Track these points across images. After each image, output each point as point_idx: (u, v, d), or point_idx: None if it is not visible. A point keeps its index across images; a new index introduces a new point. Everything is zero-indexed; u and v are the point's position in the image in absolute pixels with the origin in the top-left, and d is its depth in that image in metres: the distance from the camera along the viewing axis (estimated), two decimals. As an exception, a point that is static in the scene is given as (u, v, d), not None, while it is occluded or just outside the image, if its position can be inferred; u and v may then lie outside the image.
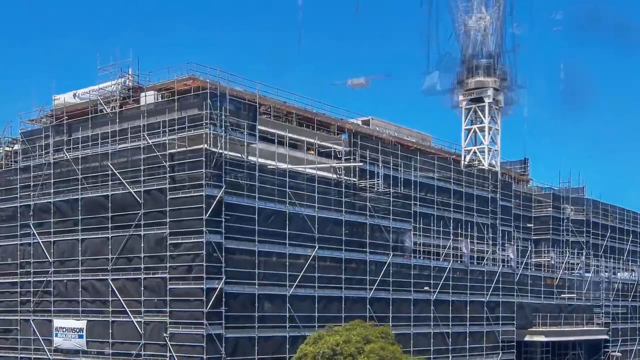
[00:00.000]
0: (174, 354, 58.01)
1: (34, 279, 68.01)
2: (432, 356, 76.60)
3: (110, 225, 62.70)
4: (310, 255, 65.94)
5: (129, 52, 64.33)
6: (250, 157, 62.62)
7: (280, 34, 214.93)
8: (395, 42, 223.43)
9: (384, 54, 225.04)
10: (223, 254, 58.48)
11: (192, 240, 57.82)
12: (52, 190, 67.40)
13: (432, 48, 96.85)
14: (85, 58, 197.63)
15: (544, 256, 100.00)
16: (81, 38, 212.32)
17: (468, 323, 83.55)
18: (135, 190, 61.42)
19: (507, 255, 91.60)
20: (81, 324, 63.91)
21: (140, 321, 60.27)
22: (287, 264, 64.12)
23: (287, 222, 64.45)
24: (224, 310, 58.24)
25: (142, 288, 60.36)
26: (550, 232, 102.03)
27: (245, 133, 62.12)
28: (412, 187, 78.82)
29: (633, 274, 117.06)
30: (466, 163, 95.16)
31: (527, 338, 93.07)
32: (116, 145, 63.44)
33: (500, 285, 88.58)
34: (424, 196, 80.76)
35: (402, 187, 77.54)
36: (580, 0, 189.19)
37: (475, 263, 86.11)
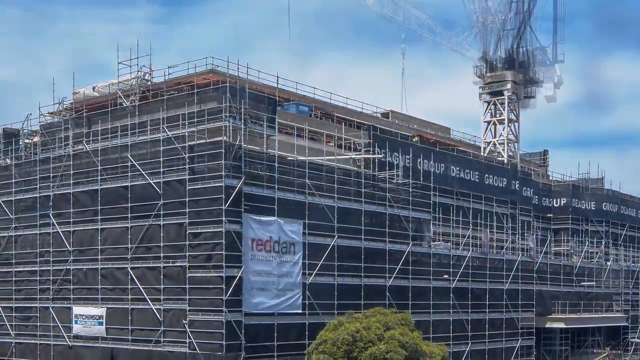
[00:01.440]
0: (194, 341, 56.89)
1: (53, 268, 67.13)
2: (451, 342, 75.06)
3: (129, 215, 61.70)
4: (330, 245, 64.42)
5: (148, 46, 63.36)
6: (269, 150, 61.42)
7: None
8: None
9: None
10: (242, 243, 57.24)
11: (211, 230, 56.71)
12: (71, 182, 66.47)
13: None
14: (106, 53, 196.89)
15: (564, 245, 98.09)
16: (101, 32, 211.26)
17: (487, 310, 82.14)
18: (155, 181, 60.37)
19: (527, 244, 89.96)
20: (100, 311, 62.94)
21: (160, 308, 59.26)
22: (307, 253, 62.63)
23: (307, 212, 62.93)
24: (243, 298, 57.17)
25: (162, 276, 59.34)
26: (570, 221, 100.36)
27: (265, 125, 60.91)
28: (432, 178, 77.27)
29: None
30: (485, 155, 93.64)
31: (547, 325, 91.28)
32: (136, 138, 62.43)
33: (520, 274, 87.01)
34: (444, 187, 79.27)
35: (421, 179, 76.13)
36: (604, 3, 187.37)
37: (495, 252, 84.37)
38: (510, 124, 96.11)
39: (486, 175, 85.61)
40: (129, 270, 60.92)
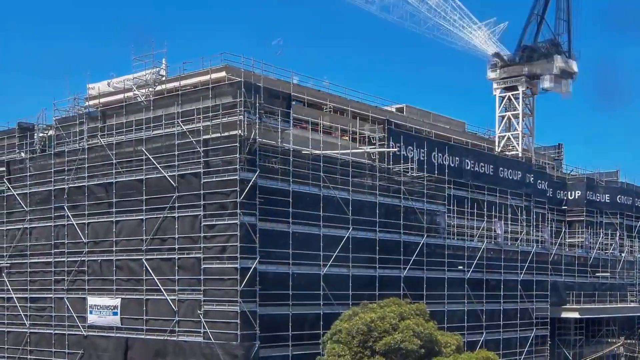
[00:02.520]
0: (208, 330, 56.03)
1: (68, 259, 66.27)
2: (466, 332, 73.82)
3: (144, 207, 60.88)
4: (344, 237, 63.46)
5: (163, 42, 62.56)
6: (284, 143, 60.58)
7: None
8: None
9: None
10: (257, 235, 56.45)
11: (226, 222, 55.89)
12: (86, 174, 65.63)
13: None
14: (120, 49, 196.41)
15: (578, 237, 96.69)
16: (115, 29, 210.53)
17: (502, 301, 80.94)
18: (170, 174, 59.51)
19: (541, 236, 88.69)
20: (115, 301, 62.13)
21: (175, 299, 58.42)
22: (321, 244, 61.77)
23: (322, 204, 62.04)
24: (257, 289, 56.25)
25: (177, 267, 58.47)
26: (584, 214, 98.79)
27: (280, 120, 60.05)
28: (446, 171, 76.23)
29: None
30: (500, 149, 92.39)
31: (561, 315, 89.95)
32: (150, 132, 61.59)
33: (534, 265, 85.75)
34: (458, 180, 78.21)
35: (436, 172, 75.14)
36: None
37: (509, 243, 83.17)
38: (524, 118, 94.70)
39: (501, 168, 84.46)
40: (144, 261, 60.10)
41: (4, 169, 72.42)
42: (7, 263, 71.48)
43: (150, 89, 62.77)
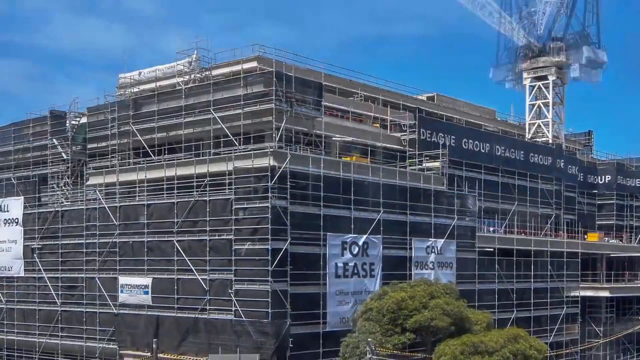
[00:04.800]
0: (239, 309, 54.42)
1: (100, 241, 64.66)
2: (497, 310, 71.48)
3: (175, 192, 59.23)
4: (376, 219, 61.33)
5: (196, 33, 61.06)
6: (316, 130, 58.92)
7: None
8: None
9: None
10: (288, 218, 54.70)
11: (257, 205, 54.22)
12: (117, 160, 64.38)
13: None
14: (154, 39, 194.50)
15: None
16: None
17: (532, 280, 78.42)
18: (201, 158, 58.13)
19: (572, 219, 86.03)
20: (146, 280, 60.55)
21: (206, 278, 56.80)
22: (352, 227, 59.72)
23: (352, 188, 59.94)
24: (289, 269, 54.48)
25: (208, 248, 56.78)
26: (615, 197, 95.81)
27: (311, 108, 58.34)
28: (477, 157, 74.49)
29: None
30: (530, 135, 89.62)
31: (592, 294, 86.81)
32: (182, 119, 60.03)
33: (565, 242, 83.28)
34: (489, 165, 76.09)
35: (467, 158, 73.44)
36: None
37: (540, 226, 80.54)
38: (555, 107, 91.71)
39: (531, 154, 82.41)
40: (175, 242, 58.49)
41: (38, 153, 71.53)
42: (38, 244, 70.30)
43: (188, 78, 61.24)
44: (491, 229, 76.75)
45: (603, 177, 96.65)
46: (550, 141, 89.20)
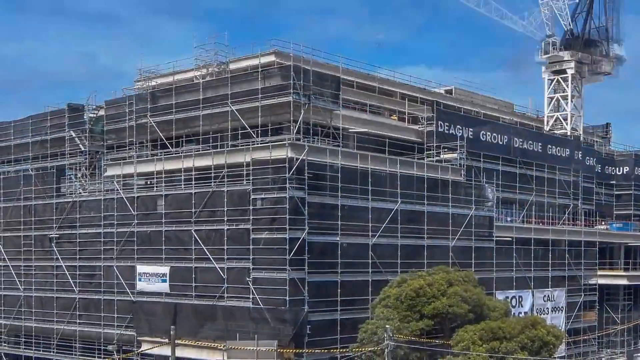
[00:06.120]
0: (257, 296, 53.42)
1: (117, 230, 63.68)
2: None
3: (193, 184, 58.32)
4: (393, 209, 60.13)
5: (214, 29, 60.03)
6: (333, 123, 57.93)
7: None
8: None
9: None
10: (306, 208, 53.69)
11: (275, 196, 53.25)
12: (135, 152, 63.50)
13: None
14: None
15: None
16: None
17: (550, 268, 76.78)
18: (218, 150, 57.22)
19: (590, 209, 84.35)
20: (164, 269, 59.62)
21: (224, 267, 55.83)
22: (370, 216, 58.62)
23: (370, 179, 58.76)
24: (306, 257, 53.43)
25: (226, 238, 55.80)
26: (632, 188, 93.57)
27: (329, 101, 57.27)
28: (494, 149, 72.97)
29: None
30: (549, 127, 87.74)
31: (610, 282, 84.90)
32: (199, 112, 59.05)
33: (582, 231, 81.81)
34: (507, 156, 74.49)
35: (484, 149, 71.76)
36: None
37: (557, 216, 78.75)
38: (573, 100, 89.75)
39: (549, 146, 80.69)
40: (193, 232, 57.54)
41: (56, 145, 70.73)
42: (56, 234, 69.40)
43: (205, 71, 60.39)
44: (508, 219, 75.22)
45: (621, 168, 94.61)
46: (569, 134, 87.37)
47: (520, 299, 72.31)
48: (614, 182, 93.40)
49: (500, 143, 74.00)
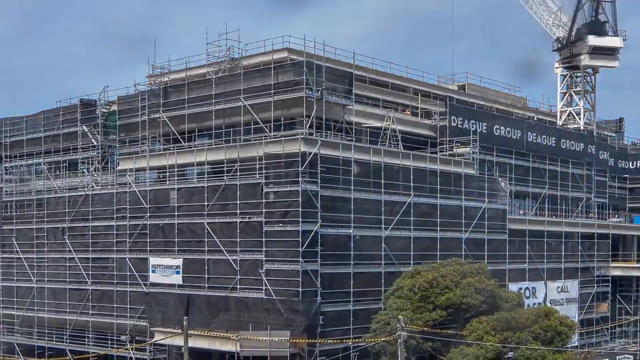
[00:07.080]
0: (270, 287, 52.71)
1: (130, 223, 62.78)
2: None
3: (206, 177, 57.73)
4: (406, 202, 59.18)
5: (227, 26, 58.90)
6: (347, 117, 57.31)
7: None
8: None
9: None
10: (319, 201, 53.00)
11: (288, 189, 52.55)
12: (148, 146, 62.79)
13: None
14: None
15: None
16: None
17: (563, 260, 75.56)
18: (232, 144, 56.48)
19: (603, 202, 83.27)
20: (177, 261, 58.90)
21: (236, 259, 55.06)
22: (383, 209, 57.84)
23: (383, 173, 57.90)
24: (319, 250, 52.64)
25: (238, 230, 55.00)
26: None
27: (342, 96, 56.59)
28: (508, 143, 72.02)
29: None
30: (561, 122, 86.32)
31: (623, 273, 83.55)
32: (212, 107, 58.44)
33: (596, 223, 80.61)
34: (520, 150, 73.51)
35: (497, 144, 70.86)
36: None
37: (571, 209, 77.66)
38: (586, 95, 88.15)
39: (562, 140, 79.68)
40: (206, 225, 56.73)
41: (68, 140, 70.01)
42: (68, 226, 68.51)
43: (218, 67, 59.57)
44: (521, 211, 74.06)
45: (634, 162, 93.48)
46: (582, 128, 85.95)
47: (534, 290, 71.21)
48: (627, 175, 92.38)
49: (514, 137, 73.14)
